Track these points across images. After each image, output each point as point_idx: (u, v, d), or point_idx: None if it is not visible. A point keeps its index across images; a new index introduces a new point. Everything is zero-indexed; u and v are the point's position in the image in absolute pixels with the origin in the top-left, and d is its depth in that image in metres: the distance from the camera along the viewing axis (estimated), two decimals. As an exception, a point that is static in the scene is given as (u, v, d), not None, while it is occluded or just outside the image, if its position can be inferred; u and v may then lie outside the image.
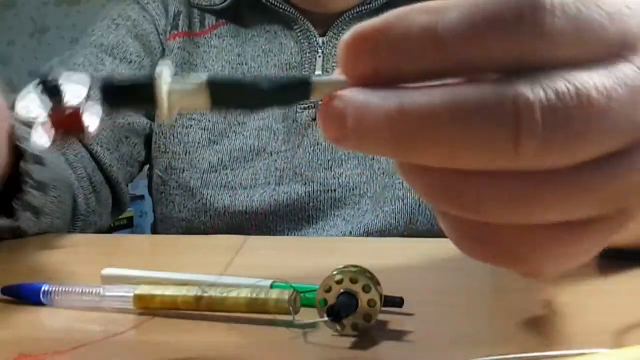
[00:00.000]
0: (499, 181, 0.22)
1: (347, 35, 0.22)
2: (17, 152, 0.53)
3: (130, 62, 0.74)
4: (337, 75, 0.23)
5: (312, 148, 0.69)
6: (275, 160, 0.69)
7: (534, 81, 0.20)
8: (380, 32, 0.21)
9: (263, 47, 0.73)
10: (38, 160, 0.56)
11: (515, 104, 0.20)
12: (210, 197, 0.69)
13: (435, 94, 0.21)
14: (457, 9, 0.21)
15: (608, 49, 0.21)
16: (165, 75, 0.23)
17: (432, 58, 0.21)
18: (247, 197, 0.68)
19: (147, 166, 0.81)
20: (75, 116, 0.27)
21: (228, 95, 0.23)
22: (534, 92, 0.20)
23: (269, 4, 0.72)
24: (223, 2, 0.74)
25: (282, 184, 0.68)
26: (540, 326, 0.32)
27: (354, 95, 0.21)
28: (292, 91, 0.23)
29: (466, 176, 0.22)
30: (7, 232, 0.54)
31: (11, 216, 0.53)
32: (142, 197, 2.28)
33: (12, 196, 0.53)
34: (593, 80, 0.21)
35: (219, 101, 0.22)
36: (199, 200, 0.70)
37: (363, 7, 0.72)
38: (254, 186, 0.69)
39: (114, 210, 0.74)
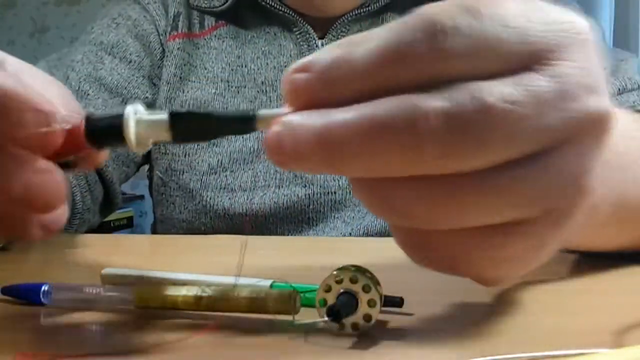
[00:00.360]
0: (421, 186, 0.24)
1: (287, 71, 0.24)
2: None
3: (130, 61, 0.74)
4: (284, 108, 0.25)
5: None
6: None
7: (435, 93, 0.22)
8: (310, 65, 0.24)
9: (262, 48, 0.73)
10: None
11: (415, 113, 0.22)
12: (210, 199, 0.69)
13: (351, 111, 0.23)
14: (370, 41, 0.23)
15: (514, 61, 0.23)
16: (132, 114, 0.26)
17: (352, 84, 0.23)
18: (247, 199, 0.68)
19: (146, 166, 0.80)
20: (75, 134, 0.28)
21: (186, 128, 0.26)
22: (433, 101, 0.22)
23: (268, 6, 0.72)
24: (223, 4, 0.74)
25: (282, 186, 0.68)
26: (540, 326, 0.32)
27: (289, 119, 0.24)
28: (239, 124, 0.25)
29: (394, 183, 0.24)
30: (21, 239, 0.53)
31: None
32: (142, 197, 2.28)
33: None
34: (493, 89, 0.22)
35: (179, 135, 0.26)
36: (199, 202, 0.70)
37: (362, 10, 0.72)
38: (254, 188, 0.69)
39: (105, 209, 0.74)
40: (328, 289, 0.30)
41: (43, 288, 0.34)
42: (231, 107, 0.71)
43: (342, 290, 0.30)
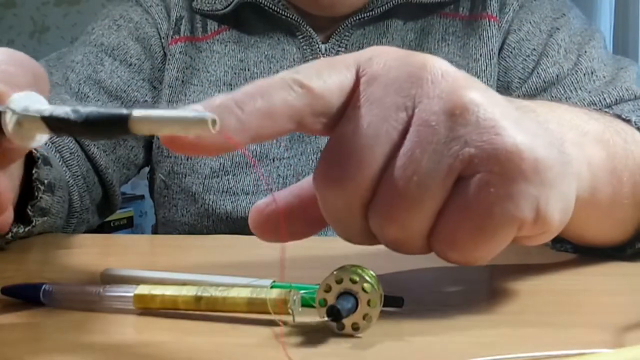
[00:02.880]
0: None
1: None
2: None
3: (130, 64, 0.74)
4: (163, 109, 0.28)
5: (314, 155, 0.69)
6: (278, 167, 0.69)
7: None
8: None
9: (265, 53, 0.73)
10: (46, 161, 0.55)
11: None
12: (212, 202, 0.69)
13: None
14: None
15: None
16: (9, 110, 0.28)
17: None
18: (250, 203, 0.68)
19: (147, 168, 0.80)
20: None
21: (60, 128, 0.27)
22: None
23: (271, 10, 0.72)
24: (225, 8, 0.74)
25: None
26: (541, 326, 0.32)
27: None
28: (111, 127, 0.26)
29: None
30: (21, 238, 0.53)
31: (24, 222, 0.53)
32: (142, 197, 2.28)
33: (22, 199, 0.53)
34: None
35: (55, 130, 0.28)
36: (201, 206, 0.70)
37: (365, 15, 0.71)
38: (256, 192, 0.69)
39: (104, 210, 0.74)
40: (328, 289, 0.30)
41: (43, 288, 0.34)
42: None
43: (342, 290, 0.30)
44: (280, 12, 0.72)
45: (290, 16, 0.72)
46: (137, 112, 0.25)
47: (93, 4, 2.40)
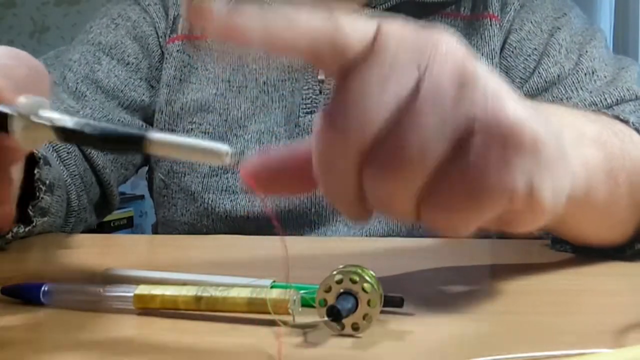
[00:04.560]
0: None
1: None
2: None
3: (128, 63, 0.74)
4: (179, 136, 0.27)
5: None
6: None
7: None
8: None
9: None
10: (46, 161, 0.55)
11: None
12: (212, 201, 0.69)
13: None
14: None
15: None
16: (17, 115, 0.29)
17: None
18: (249, 201, 0.68)
19: (145, 168, 0.80)
20: None
21: (73, 139, 0.28)
22: None
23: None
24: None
25: None
26: (540, 326, 0.32)
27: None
28: (127, 144, 0.27)
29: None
30: (21, 237, 0.53)
31: (25, 221, 0.53)
32: (142, 197, 2.28)
33: (22, 199, 0.53)
34: None
35: (66, 139, 0.29)
36: (200, 205, 0.70)
37: (367, 12, 0.71)
38: None
39: (102, 210, 0.74)
40: (328, 289, 0.30)
41: (43, 288, 0.34)
42: (232, 107, 0.70)
43: (342, 290, 0.30)
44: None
45: None
46: (154, 135, 0.26)
47: (93, 4, 2.40)
